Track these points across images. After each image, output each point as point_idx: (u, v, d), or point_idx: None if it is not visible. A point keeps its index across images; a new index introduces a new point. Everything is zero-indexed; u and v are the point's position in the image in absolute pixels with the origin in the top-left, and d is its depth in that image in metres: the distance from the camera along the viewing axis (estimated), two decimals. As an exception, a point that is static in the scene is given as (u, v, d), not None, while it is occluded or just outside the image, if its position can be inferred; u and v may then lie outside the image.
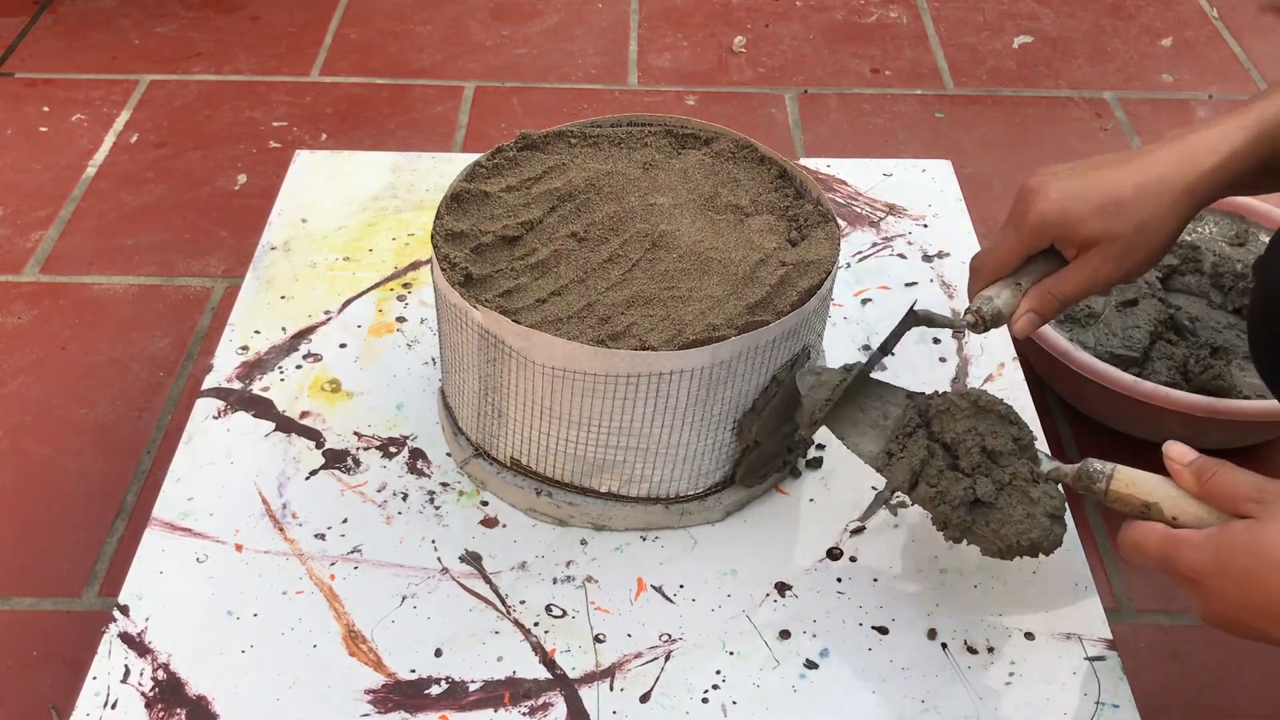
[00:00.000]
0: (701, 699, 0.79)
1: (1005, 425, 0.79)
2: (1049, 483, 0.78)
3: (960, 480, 0.78)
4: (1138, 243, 0.77)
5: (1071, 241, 0.79)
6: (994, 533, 0.77)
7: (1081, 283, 0.80)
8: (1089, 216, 0.77)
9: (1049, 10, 1.84)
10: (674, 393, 0.81)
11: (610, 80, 1.67)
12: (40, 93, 1.60)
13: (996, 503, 0.77)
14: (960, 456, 0.79)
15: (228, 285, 1.30)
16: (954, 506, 0.77)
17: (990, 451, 0.78)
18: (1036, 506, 0.77)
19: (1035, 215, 0.79)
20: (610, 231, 0.88)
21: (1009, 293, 0.83)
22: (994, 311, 0.83)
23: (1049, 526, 0.77)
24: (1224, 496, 0.68)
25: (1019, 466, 0.78)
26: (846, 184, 1.22)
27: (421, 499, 0.91)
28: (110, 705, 0.77)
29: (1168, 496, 0.71)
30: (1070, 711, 0.79)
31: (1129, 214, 0.77)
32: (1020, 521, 0.76)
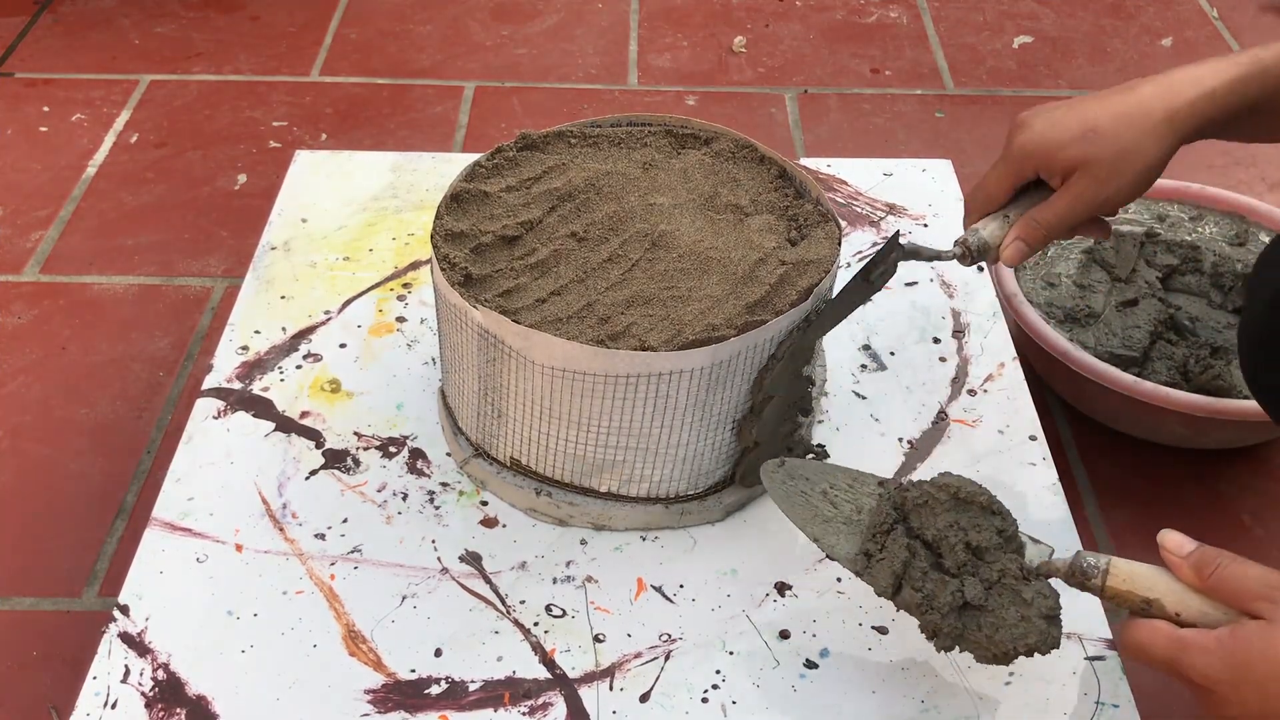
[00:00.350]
0: (701, 699, 0.79)
1: (988, 517, 0.74)
2: (1040, 580, 0.73)
3: (947, 583, 0.73)
4: (1118, 167, 0.78)
5: (1054, 169, 0.80)
6: (987, 639, 0.72)
7: (1064, 209, 0.80)
8: (1069, 143, 0.78)
9: (1049, 10, 1.84)
10: (674, 393, 0.81)
11: (610, 80, 1.67)
12: (40, 93, 1.60)
13: (987, 604, 0.72)
14: (944, 555, 0.74)
15: (228, 285, 1.30)
16: (944, 614, 0.72)
17: (975, 548, 0.73)
18: (1030, 608, 0.72)
19: (1017, 145, 0.81)
20: (610, 231, 0.88)
21: (995, 224, 0.84)
22: (980, 242, 0.83)
23: (1045, 629, 0.72)
24: (1230, 594, 0.64)
25: (1006, 563, 0.73)
26: (846, 184, 1.22)
27: (421, 499, 0.91)
28: (110, 705, 0.77)
29: (1169, 591, 0.67)
30: (1070, 711, 0.79)
31: (1108, 139, 0.78)
32: (1015, 625, 0.72)
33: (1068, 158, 0.79)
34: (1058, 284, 1.17)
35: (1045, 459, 0.95)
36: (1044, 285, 1.17)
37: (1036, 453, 0.96)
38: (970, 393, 1.01)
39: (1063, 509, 0.91)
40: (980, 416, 0.98)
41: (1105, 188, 0.79)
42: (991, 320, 1.07)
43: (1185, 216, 1.26)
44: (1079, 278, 1.17)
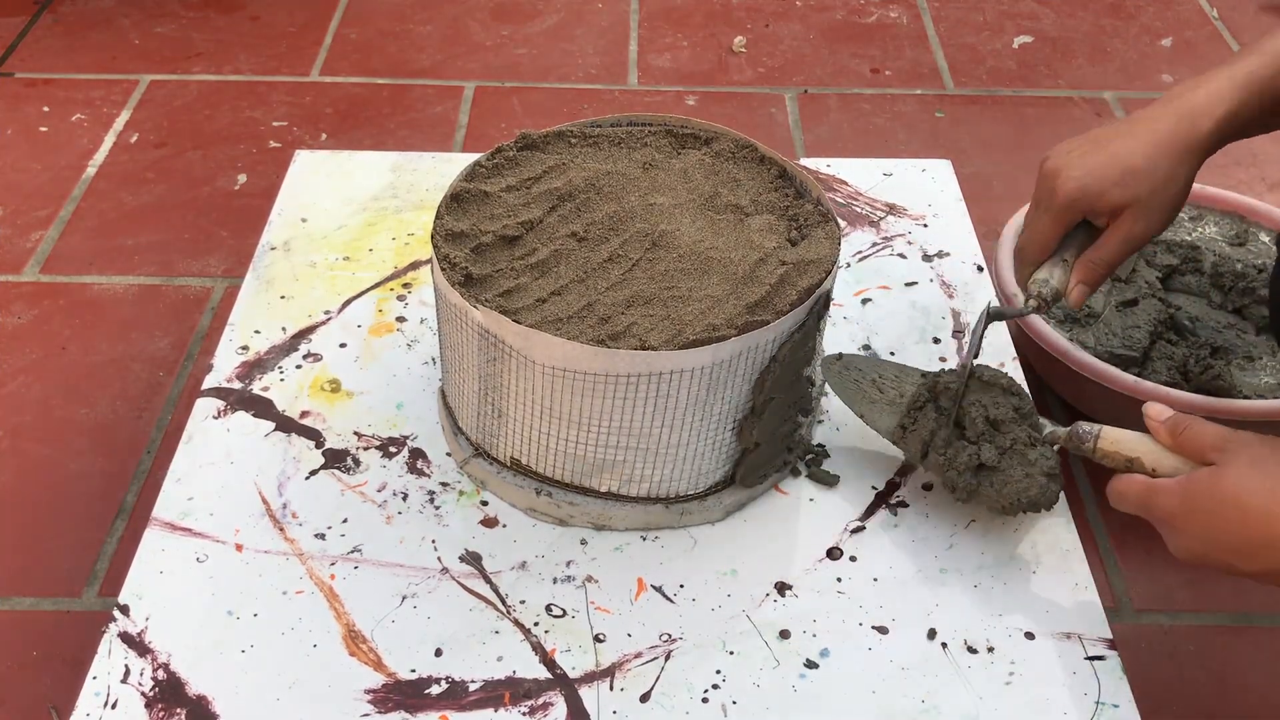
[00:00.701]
0: (701, 699, 0.79)
1: (1006, 396, 0.87)
2: (1045, 445, 0.86)
3: (966, 448, 0.86)
4: (1157, 202, 0.85)
5: (1100, 212, 0.87)
6: (997, 492, 0.85)
7: (1118, 246, 0.87)
8: (1110, 188, 0.85)
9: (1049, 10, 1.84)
10: (674, 393, 0.81)
11: (610, 80, 1.67)
12: (40, 93, 1.60)
13: (999, 465, 0.85)
14: (965, 426, 0.87)
15: (228, 285, 1.30)
16: (960, 472, 0.86)
17: (993, 420, 0.86)
18: (1034, 467, 0.85)
19: (1063, 196, 0.86)
20: (610, 231, 0.88)
21: (1060, 271, 0.89)
22: (1052, 291, 0.89)
23: (1045, 484, 0.84)
24: (1194, 448, 0.75)
25: (1019, 432, 0.86)
26: (846, 184, 1.22)
27: (421, 499, 0.91)
28: (110, 705, 0.77)
29: (1148, 451, 0.79)
30: (1070, 711, 0.79)
31: (1144, 179, 0.84)
32: (1020, 481, 0.84)
33: (1113, 201, 0.85)
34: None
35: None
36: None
37: (1036, 453, 0.96)
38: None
39: (1063, 509, 0.92)
40: (980, 416, 0.98)
41: (1151, 223, 0.86)
42: (991, 320, 1.07)
43: (1185, 216, 1.26)
44: (1079, 278, 1.17)
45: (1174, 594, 1.03)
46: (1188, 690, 0.96)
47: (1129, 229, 0.86)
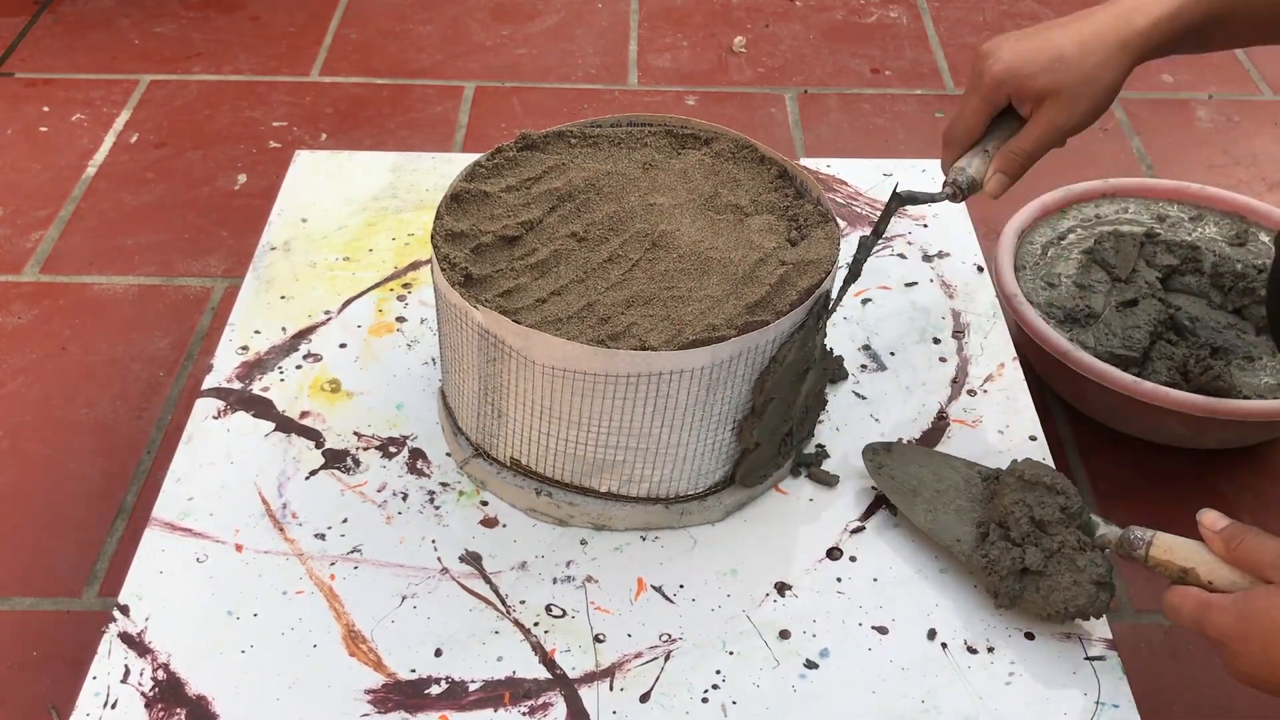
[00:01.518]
0: (701, 699, 0.79)
1: (1052, 496, 0.83)
2: (1095, 550, 0.82)
3: (1010, 550, 0.82)
4: (1083, 92, 0.85)
5: (1025, 96, 0.86)
6: (1043, 599, 0.81)
7: (1039, 135, 0.87)
8: (1038, 72, 0.85)
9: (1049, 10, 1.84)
10: (674, 393, 0.81)
11: (610, 80, 1.67)
12: (40, 93, 1.60)
13: (1045, 570, 0.81)
14: (1010, 528, 0.83)
15: (228, 285, 1.30)
16: (1003, 577, 0.82)
17: (1039, 521, 0.83)
18: (1083, 574, 0.81)
19: (990, 75, 0.87)
20: (610, 231, 0.88)
21: (979, 160, 0.90)
22: (968, 180, 0.89)
23: (1095, 594, 0.81)
24: (1251, 563, 0.72)
25: (1067, 535, 0.82)
26: (846, 184, 1.22)
27: (421, 499, 0.91)
28: (110, 705, 0.77)
29: (1203, 562, 0.76)
30: (1070, 711, 0.79)
31: (1072, 67, 0.84)
32: (1068, 589, 0.81)
33: (1038, 86, 0.85)
34: (1058, 284, 1.17)
35: (1045, 459, 0.95)
36: (1044, 285, 1.17)
37: (1036, 453, 0.96)
38: (970, 393, 1.01)
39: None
40: (980, 416, 0.98)
41: (1073, 114, 0.86)
42: (991, 320, 1.07)
43: (1185, 216, 1.26)
44: (1079, 278, 1.17)
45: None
46: (1188, 690, 0.96)
47: (1051, 117, 0.85)
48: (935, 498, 0.88)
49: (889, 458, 0.91)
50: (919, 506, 0.88)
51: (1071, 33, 0.85)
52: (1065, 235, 1.23)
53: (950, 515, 0.87)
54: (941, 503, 0.88)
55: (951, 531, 0.86)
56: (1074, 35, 0.85)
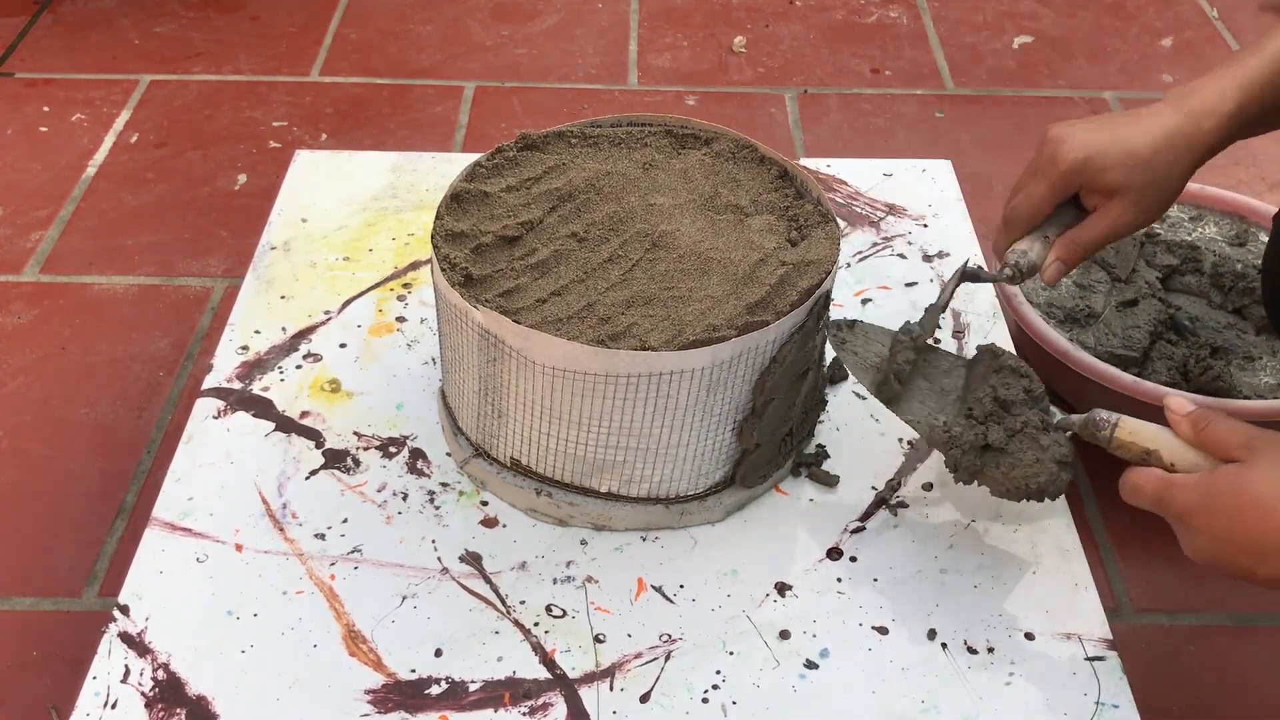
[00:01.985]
0: (701, 699, 0.79)
1: (1016, 377, 0.83)
2: (1058, 431, 0.82)
3: (973, 426, 0.82)
4: (1152, 194, 0.85)
5: (1096, 189, 0.86)
6: (1004, 475, 0.81)
7: (1104, 230, 0.86)
8: (1112, 167, 0.84)
9: (1049, 10, 1.84)
10: (674, 393, 0.81)
11: (610, 80, 1.67)
12: (40, 93, 1.60)
13: (1007, 448, 0.81)
14: (974, 406, 0.83)
15: (228, 285, 1.30)
16: (964, 450, 0.81)
17: (1002, 401, 0.82)
18: (1045, 453, 0.80)
19: (1065, 164, 0.85)
20: (610, 231, 0.88)
21: (1040, 245, 0.88)
22: (1029, 265, 0.88)
23: (1056, 472, 0.80)
24: (1217, 444, 0.73)
25: (1030, 415, 0.82)
26: (846, 184, 1.22)
27: (421, 499, 0.91)
28: (110, 705, 0.77)
29: (1167, 445, 0.76)
30: (1070, 711, 0.79)
31: (1145, 168, 0.84)
32: (1029, 465, 0.80)
33: (1111, 181, 0.84)
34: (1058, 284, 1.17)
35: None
36: (1044, 285, 1.17)
37: (1036, 453, 0.96)
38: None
39: (1063, 509, 0.92)
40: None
41: (1141, 213, 0.85)
42: (991, 320, 1.07)
43: (1185, 216, 1.26)
44: (1079, 278, 1.17)
45: (1174, 594, 1.03)
46: (1188, 690, 0.96)
47: (1119, 214, 0.85)
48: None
49: (852, 334, 0.90)
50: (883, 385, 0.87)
51: (1144, 131, 0.85)
52: (1065, 235, 1.23)
53: (914, 393, 0.87)
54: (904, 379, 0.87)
55: (914, 409, 0.86)
56: (1147, 134, 0.84)
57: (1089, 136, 0.85)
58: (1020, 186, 0.90)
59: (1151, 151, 0.84)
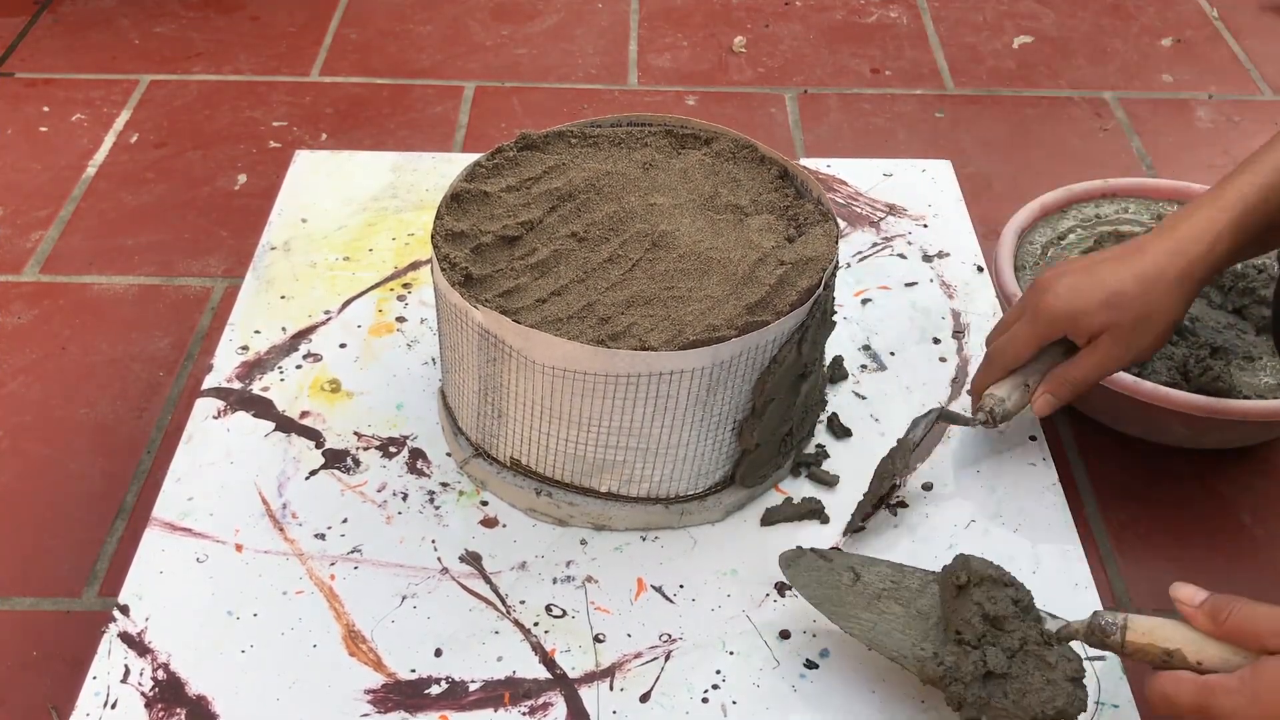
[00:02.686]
0: (701, 699, 0.79)
1: (1000, 588, 0.76)
2: (1063, 644, 0.75)
3: (969, 653, 0.74)
4: (1141, 329, 0.85)
5: (1080, 333, 0.86)
6: (1014, 704, 0.73)
7: (1091, 368, 0.87)
8: (1094, 310, 0.84)
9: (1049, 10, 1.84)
10: (674, 393, 0.81)
11: (610, 80, 1.66)
12: (40, 93, 1.60)
13: (1011, 671, 0.74)
14: (961, 630, 0.75)
15: (228, 285, 1.30)
16: (967, 684, 0.73)
17: (992, 617, 0.75)
18: (1055, 671, 0.73)
19: (1045, 311, 0.86)
20: (610, 231, 0.88)
21: (1018, 394, 0.90)
22: (1003, 412, 0.89)
23: (1072, 691, 0.73)
24: (1247, 636, 0.67)
25: (1026, 630, 0.75)
26: (846, 184, 1.22)
27: (421, 499, 0.91)
28: (110, 705, 0.77)
29: (1187, 641, 0.69)
30: (1070, 711, 0.79)
31: (1130, 305, 0.84)
32: (1041, 690, 0.73)
33: (1094, 323, 0.85)
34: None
35: (1045, 459, 0.95)
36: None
37: (1036, 453, 0.96)
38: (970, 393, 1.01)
39: (1063, 509, 0.92)
40: (980, 416, 0.98)
41: (1130, 349, 0.85)
42: (991, 320, 1.07)
43: (1185, 216, 1.26)
44: (1079, 278, 1.17)
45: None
46: (1188, 690, 0.96)
47: (1106, 351, 0.85)
48: (871, 603, 0.79)
49: (799, 567, 0.81)
50: (855, 613, 0.79)
51: (1129, 268, 0.84)
52: (1065, 235, 1.23)
53: (892, 622, 0.78)
54: (877, 608, 0.79)
55: (896, 641, 0.77)
56: (1132, 271, 0.84)
57: (1072, 281, 0.86)
58: (1005, 325, 0.91)
59: (1136, 288, 0.83)
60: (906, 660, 0.76)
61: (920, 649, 0.77)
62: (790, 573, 0.81)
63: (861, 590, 0.80)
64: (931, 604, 0.79)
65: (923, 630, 0.78)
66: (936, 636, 0.77)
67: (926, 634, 0.78)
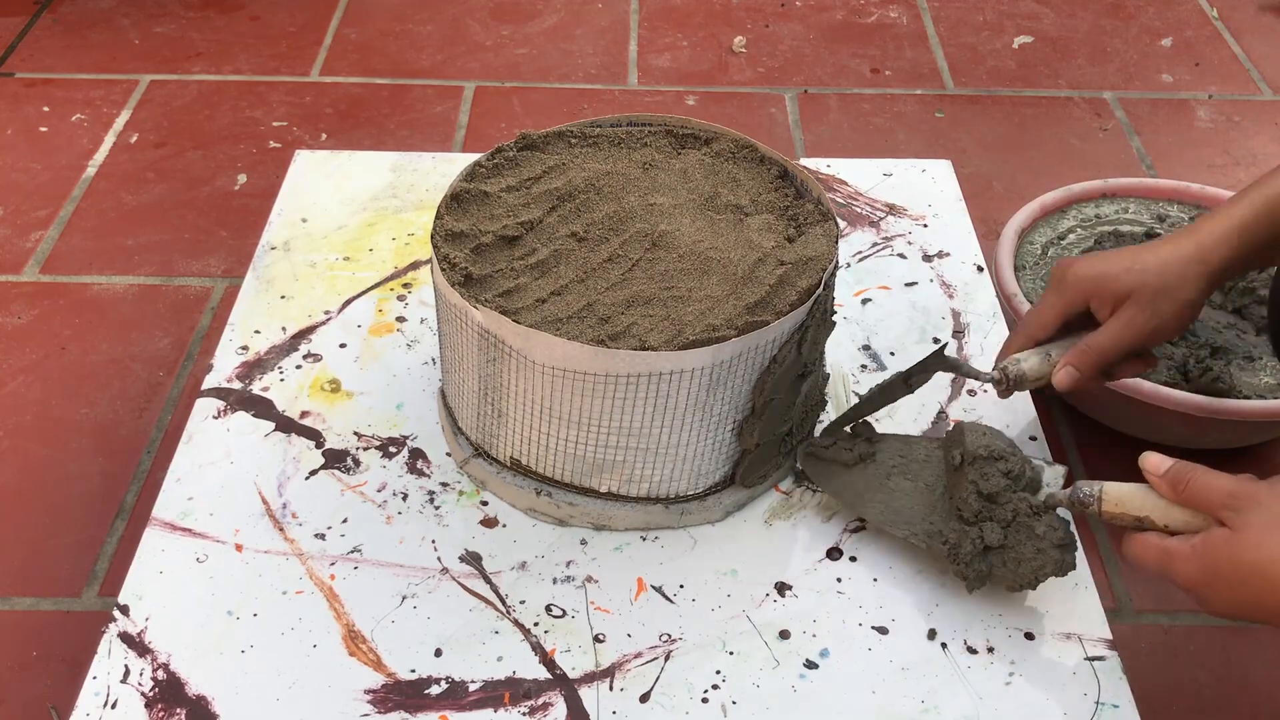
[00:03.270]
0: (701, 699, 0.79)
1: (992, 464, 0.82)
2: (1049, 512, 0.82)
3: (967, 532, 0.82)
4: (1164, 298, 0.85)
5: (1105, 298, 0.86)
6: (1011, 572, 0.81)
7: (1116, 334, 0.86)
8: (1119, 275, 0.86)
9: (1049, 10, 1.84)
10: (674, 393, 0.81)
11: (610, 80, 1.67)
12: (40, 93, 1.60)
13: (1006, 543, 0.82)
14: (960, 507, 0.83)
15: (228, 285, 1.30)
16: (969, 562, 0.82)
17: (986, 495, 0.82)
18: (1044, 540, 0.81)
19: (1071, 276, 0.87)
20: (610, 231, 0.88)
21: (1037, 359, 0.88)
22: (1019, 374, 0.88)
23: (1059, 557, 0.81)
24: (1202, 503, 0.73)
25: (1017, 503, 0.82)
26: (846, 184, 1.22)
27: (421, 499, 0.91)
28: (110, 705, 0.77)
29: (1156, 507, 0.75)
30: (1070, 711, 0.79)
31: (1151, 273, 0.85)
32: (1033, 559, 0.81)
33: (1118, 288, 0.85)
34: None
35: (1045, 459, 0.95)
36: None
37: (1036, 453, 0.96)
38: (970, 393, 1.01)
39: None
40: (980, 416, 0.98)
41: (1153, 316, 0.85)
42: (991, 320, 1.07)
43: (1185, 217, 1.26)
44: (1079, 278, 1.17)
45: (1174, 594, 1.03)
46: (1188, 690, 0.96)
47: (1129, 319, 0.85)
48: (882, 482, 0.87)
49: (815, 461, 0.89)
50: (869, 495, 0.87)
51: (1150, 249, 0.87)
52: (1065, 235, 1.23)
53: (901, 499, 0.87)
54: (888, 487, 0.87)
55: (909, 517, 0.86)
56: (1153, 250, 0.87)
57: (1099, 258, 0.88)
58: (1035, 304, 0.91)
59: (1160, 264, 0.85)
60: (917, 538, 0.85)
61: (929, 523, 0.85)
62: (808, 465, 0.89)
63: (874, 472, 0.88)
64: (937, 474, 0.87)
65: (929, 502, 0.86)
66: (942, 508, 0.86)
67: (933, 505, 0.86)
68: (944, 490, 0.86)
